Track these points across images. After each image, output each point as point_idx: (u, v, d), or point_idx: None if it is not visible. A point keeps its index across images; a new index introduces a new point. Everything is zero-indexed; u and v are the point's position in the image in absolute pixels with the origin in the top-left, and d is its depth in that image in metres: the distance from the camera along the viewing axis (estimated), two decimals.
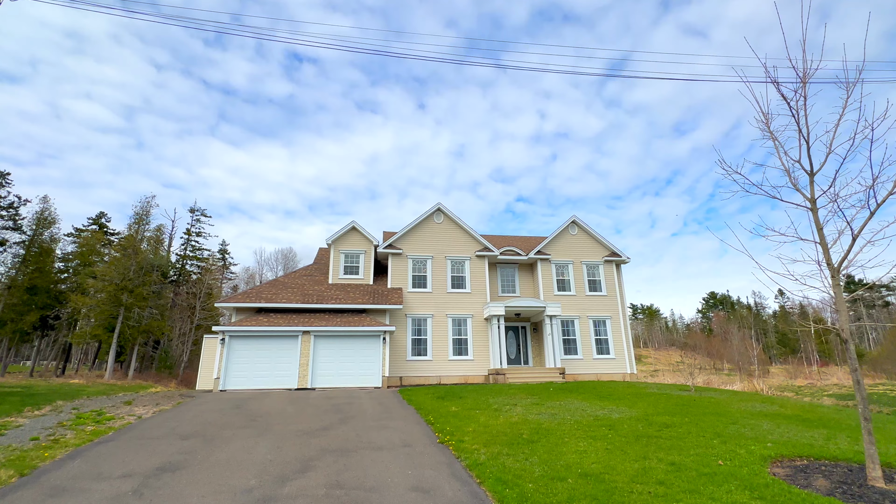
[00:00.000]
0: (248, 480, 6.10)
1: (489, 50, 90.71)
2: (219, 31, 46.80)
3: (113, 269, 32.78)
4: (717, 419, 10.27)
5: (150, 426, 9.66)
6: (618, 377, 23.83)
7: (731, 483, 5.91)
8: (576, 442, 8.32)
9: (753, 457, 7.12)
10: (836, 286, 6.48)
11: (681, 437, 8.47)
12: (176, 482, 5.97)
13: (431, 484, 6.19)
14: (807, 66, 6.64)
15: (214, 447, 7.87)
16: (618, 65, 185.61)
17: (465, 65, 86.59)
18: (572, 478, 6.29)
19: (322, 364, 19.44)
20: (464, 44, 47.91)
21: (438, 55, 69.28)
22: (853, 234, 6.27)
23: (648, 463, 6.90)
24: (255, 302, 21.06)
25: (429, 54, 68.94)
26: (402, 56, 16.61)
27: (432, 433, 9.41)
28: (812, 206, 6.74)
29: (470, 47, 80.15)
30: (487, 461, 7.15)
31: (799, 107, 6.73)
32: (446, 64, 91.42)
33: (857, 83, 6.52)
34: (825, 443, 8.09)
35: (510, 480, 6.19)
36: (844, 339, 6.34)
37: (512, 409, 12.09)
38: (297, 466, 6.82)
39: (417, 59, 33.68)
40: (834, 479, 6.04)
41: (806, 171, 6.80)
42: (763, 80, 6.91)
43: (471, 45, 64.85)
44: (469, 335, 23.25)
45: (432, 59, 50.38)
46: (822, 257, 6.64)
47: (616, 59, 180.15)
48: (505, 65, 73.52)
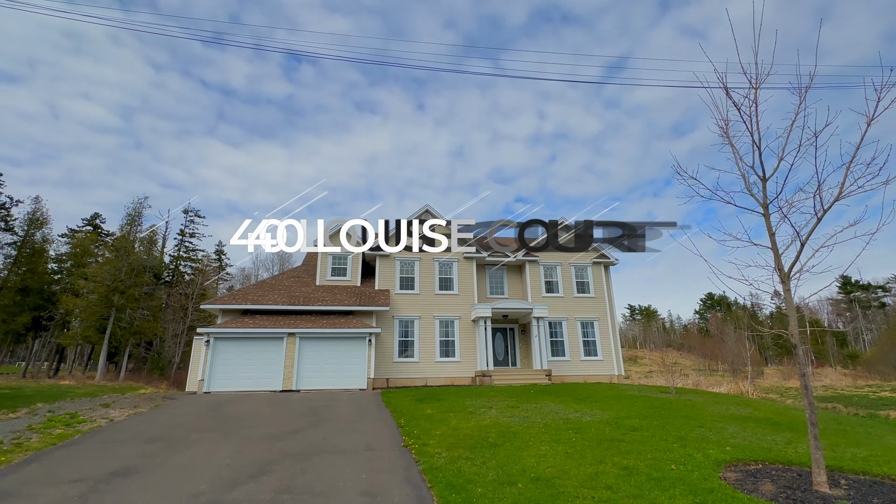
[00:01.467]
0: (198, 485, 6.14)
1: (488, 49, 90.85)
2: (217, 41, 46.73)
3: (104, 271, 32.86)
4: (685, 422, 10.30)
5: (118, 429, 9.70)
6: (605, 379, 23.84)
7: (678, 488, 5.94)
8: (538, 445, 8.34)
9: (708, 461, 7.15)
10: (786, 291, 6.51)
11: (643, 441, 8.50)
12: (125, 487, 6.00)
13: (381, 488, 6.22)
14: (759, 71, 6.68)
15: (176, 451, 7.90)
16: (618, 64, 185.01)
17: (464, 73, 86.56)
18: (523, 482, 6.32)
19: (307, 366, 19.47)
20: (463, 44, 48.05)
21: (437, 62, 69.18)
22: (801, 239, 6.30)
23: (603, 467, 6.93)
24: (241, 304, 21.09)
25: (427, 58, 68.91)
26: (402, 66, 16.64)
27: (400, 436, 9.44)
28: (765, 212, 6.78)
29: (469, 47, 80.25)
30: (445, 465, 7.18)
31: (751, 112, 6.76)
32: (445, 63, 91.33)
33: (808, 89, 6.56)
34: (785, 447, 8.12)
35: (460, 485, 6.22)
36: (794, 345, 6.37)
37: (487, 411, 12.12)
38: (252, 470, 6.86)
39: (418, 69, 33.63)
40: (781, 484, 6.07)
41: (759, 177, 6.83)
42: (718, 85, 6.94)
43: (470, 47, 64.86)
44: (456, 337, 23.26)
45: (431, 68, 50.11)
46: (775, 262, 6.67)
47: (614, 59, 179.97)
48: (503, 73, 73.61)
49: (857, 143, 5.90)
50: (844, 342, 68.22)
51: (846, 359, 58.26)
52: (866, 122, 5.85)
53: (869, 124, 5.85)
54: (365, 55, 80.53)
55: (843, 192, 6.03)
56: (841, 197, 6.09)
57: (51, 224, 39.75)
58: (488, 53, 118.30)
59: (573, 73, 52.74)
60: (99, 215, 45.05)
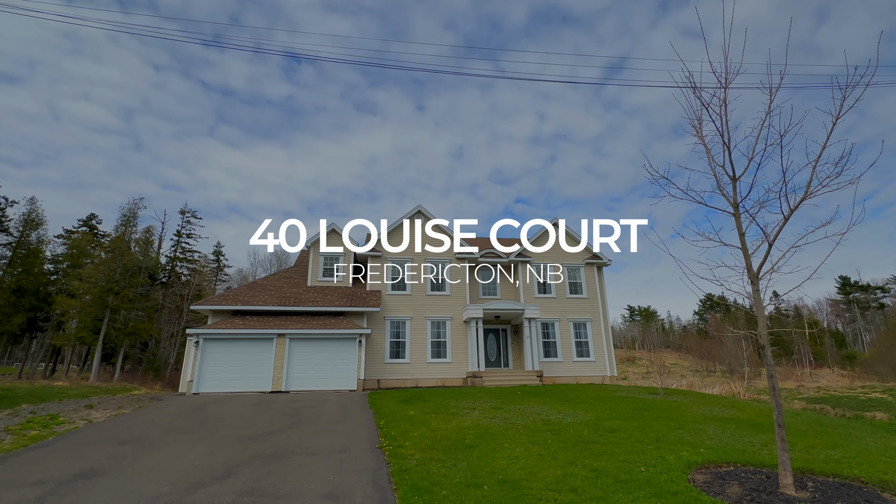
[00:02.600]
0: (161, 487, 6.09)
1: (488, 49, 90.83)
2: (217, 44, 46.97)
3: (98, 272, 32.84)
4: (666, 423, 10.24)
5: (95, 431, 9.66)
6: (597, 380, 23.76)
7: (643, 490, 5.88)
8: (513, 447, 8.29)
9: (680, 463, 7.09)
10: (755, 292, 6.46)
11: (619, 443, 8.44)
12: (86, 489, 5.96)
13: (346, 491, 6.17)
14: (728, 71, 6.63)
15: (147, 452, 7.86)
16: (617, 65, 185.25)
17: (464, 75, 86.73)
18: (489, 484, 6.27)
19: (297, 367, 19.43)
20: (463, 46, 47.97)
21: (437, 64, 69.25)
22: (768, 240, 6.25)
23: (573, 469, 6.88)
24: (231, 304, 21.05)
25: (427, 59, 68.90)
26: (402, 68, 16.61)
27: (377, 438, 9.39)
28: (735, 212, 6.72)
29: (469, 48, 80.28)
30: (414, 467, 7.13)
31: (721, 112, 6.71)
32: (445, 64, 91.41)
33: (779, 88, 6.51)
34: (761, 448, 8.06)
35: (426, 487, 6.18)
36: (762, 345, 6.31)
37: (470, 412, 12.06)
38: (219, 472, 6.81)
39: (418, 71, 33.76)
40: (748, 487, 6.01)
41: (729, 176, 6.78)
42: (688, 85, 6.90)
43: (470, 48, 64.94)
44: (448, 338, 23.20)
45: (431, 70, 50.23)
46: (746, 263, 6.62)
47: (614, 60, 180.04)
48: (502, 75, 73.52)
49: (824, 143, 5.85)
50: (843, 343, 67.99)
51: (844, 360, 58.07)
52: (832, 122, 5.79)
53: (835, 123, 5.79)
54: (365, 56, 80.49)
55: (809, 191, 5.98)
56: (808, 196, 6.04)
57: (46, 225, 39.79)
58: (488, 54, 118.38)
59: (572, 75, 52.74)
60: (95, 216, 45.04)
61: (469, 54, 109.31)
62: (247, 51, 51.51)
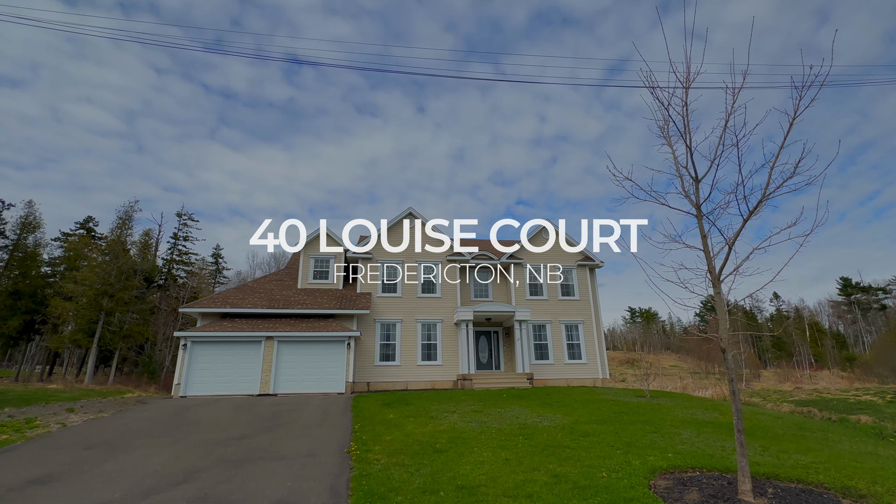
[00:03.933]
0: (113, 493, 6.04)
1: (488, 52, 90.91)
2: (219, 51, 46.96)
3: (94, 274, 32.93)
4: (642, 427, 10.12)
5: (65, 435, 9.63)
6: (589, 382, 23.62)
7: (600, 497, 5.79)
8: (482, 452, 8.20)
9: (645, 468, 6.99)
10: (717, 294, 6.37)
11: (589, 447, 8.34)
12: (37, 496, 5.91)
13: (300, 497, 6.10)
14: (689, 71, 6.56)
15: (111, 457, 7.81)
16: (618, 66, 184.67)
17: (465, 78, 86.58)
18: (447, 491, 6.19)
19: (285, 370, 19.38)
20: (463, 48, 48.02)
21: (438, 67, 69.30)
22: (728, 243, 6.16)
23: (535, 475, 6.79)
24: (220, 307, 21.02)
25: (428, 62, 68.94)
26: (404, 72, 16.61)
27: (348, 442, 9.32)
28: (697, 213, 6.64)
29: (469, 51, 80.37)
30: (377, 472, 7.06)
31: (683, 113, 6.63)
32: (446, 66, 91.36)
33: (741, 89, 6.42)
34: (730, 453, 7.94)
35: (382, 493, 6.10)
36: (722, 349, 6.22)
37: (449, 416, 11.98)
38: (177, 478, 6.76)
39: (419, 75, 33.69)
40: (706, 493, 5.91)
41: (692, 177, 6.70)
42: (648, 85, 6.82)
43: (470, 49, 64.89)
44: (439, 340, 23.12)
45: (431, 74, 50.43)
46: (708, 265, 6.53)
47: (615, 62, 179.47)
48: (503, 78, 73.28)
49: (781, 144, 5.76)
50: (844, 345, 67.51)
51: (844, 361, 57.64)
52: (789, 122, 5.71)
53: (791, 124, 5.71)
54: (365, 60, 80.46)
55: (767, 193, 5.89)
56: (767, 198, 5.95)
57: (44, 228, 39.93)
58: (489, 56, 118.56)
59: (572, 77, 52.61)
60: (92, 218, 45.20)
61: (469, 57, 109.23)
62: (249, 57, 50.98)
